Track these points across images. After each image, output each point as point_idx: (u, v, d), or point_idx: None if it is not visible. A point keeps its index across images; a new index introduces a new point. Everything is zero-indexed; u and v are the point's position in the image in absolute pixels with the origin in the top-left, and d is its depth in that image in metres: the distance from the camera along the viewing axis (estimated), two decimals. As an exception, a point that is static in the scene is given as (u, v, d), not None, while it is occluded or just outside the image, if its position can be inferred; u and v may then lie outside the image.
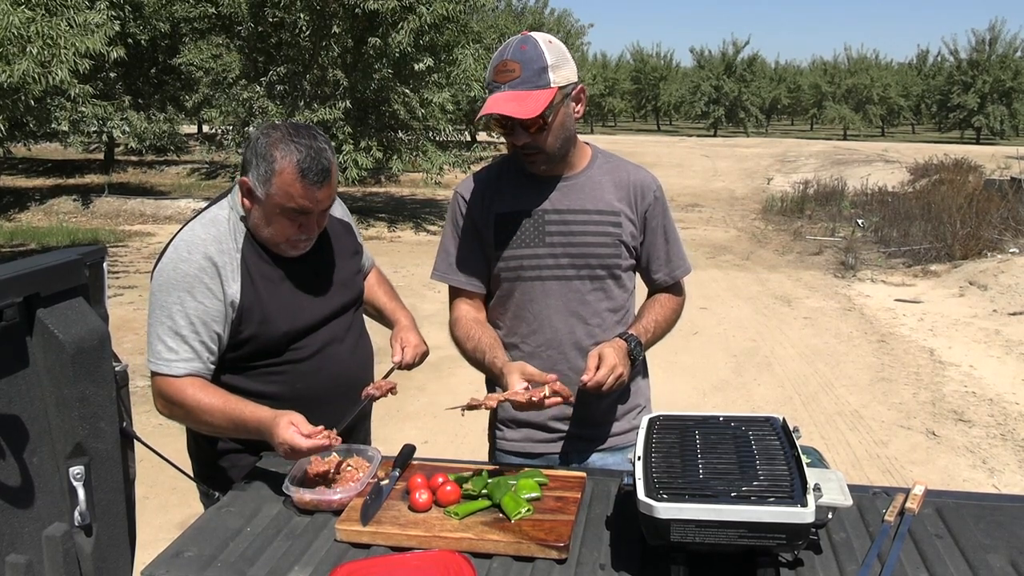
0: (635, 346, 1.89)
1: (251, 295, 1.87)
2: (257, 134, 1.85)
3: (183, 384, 1.82)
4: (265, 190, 1.80)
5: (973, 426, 5.22)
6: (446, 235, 2.06)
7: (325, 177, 1.81)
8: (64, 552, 1.53)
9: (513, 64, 1.80)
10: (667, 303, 2.07)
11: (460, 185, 2.06)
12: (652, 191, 2.02)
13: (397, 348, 2.09)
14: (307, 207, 1.81)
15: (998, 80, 39.32)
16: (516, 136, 1.85)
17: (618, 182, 2.00)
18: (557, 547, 1.48)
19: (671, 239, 2.06)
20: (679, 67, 52.74)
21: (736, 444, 1.53)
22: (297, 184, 1.78)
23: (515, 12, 27.22)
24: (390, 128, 13.16)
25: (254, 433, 1.79)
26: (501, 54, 1.83)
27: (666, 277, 2.07)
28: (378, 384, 1.97)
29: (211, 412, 1.80)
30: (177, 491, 3.94)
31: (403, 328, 2.17)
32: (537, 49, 1.81)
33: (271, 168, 1.78)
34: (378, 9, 11.31)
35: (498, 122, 1.85)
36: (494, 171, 2.04)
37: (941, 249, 10.47)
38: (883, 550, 1.46)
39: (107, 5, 8.85)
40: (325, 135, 1.87)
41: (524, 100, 1.78)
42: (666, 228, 2.04)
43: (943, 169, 17.00)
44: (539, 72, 1.79)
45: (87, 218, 13.99)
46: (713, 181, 20.41)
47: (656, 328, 2.01)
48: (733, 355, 6.65)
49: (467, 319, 2.01)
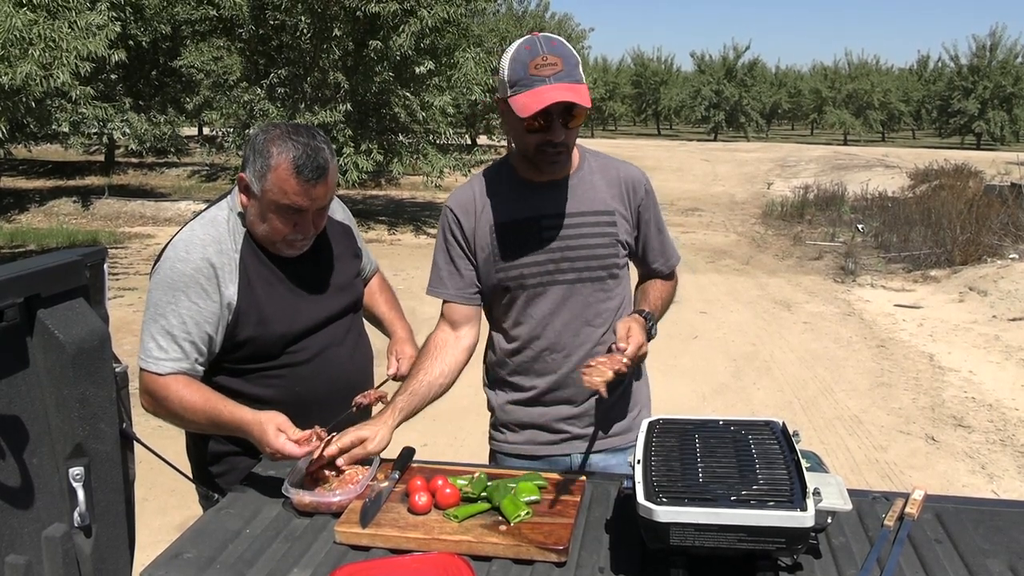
0: (653, 324, 1.94)
1: (248, 297, 1.86)
2: (256, 131, 1.86)
3: (167, 381, 1.82)
4: (261, 186, 1.80)
5: (972, 431, 5.22)
6: (438, 251, 2.03)
7: (321, 175, 1.80)
8: (63, 553, 1.53)
9: (555, 58, 1.78)
10: (665, 286, 2.13)
11: (450, 199, 2.03)
12: (643, 185, 2.04)
13: (392, 360, 2.10)
14: (301, 204, 1.81)
15: (999, 86, 39.37)
16: (555, 133, 1.83)
17: (610, 180, 2.01)
18: (556, 550, 1.48)
19: (663, 229, 2.11)
20: (680, 71, 52.79)
21: (736, 448, 1.53)
22: (292, 180, 1.78)
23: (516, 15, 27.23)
24: (391, 131, 13.16)
25: (235, 432, 1.80)
26: (533, 51, 1.79)
27: (663, 267, 2.11)
28: (367, 394, 1.97)
29: (192, 410, 1.81)
30: (176, 493, 3.94)
31: (400, 340, 2.20)
32: (566, 46, 1.82)
33: (267, 164, 1.78)
34: (379, 12, 11.32)
35: (536, 119, 1.80)
36: (486, 180, 2.02)
37: (941, 254, 10.48)
38: (882, 555, 1.46)
39: (108, 7, 8.86)
40: (325, 136, 1.87)
41: (578, 91, 1.78)
42: (657, 220, 2.08)
43: (943, 174, 17.01)
44: (576, 66, 1.81)
45: (87, 220, 13.99)
46: (713, 185, 20.43)
47: (662, 307, 2.07)
48: (733, 359, 6.65)
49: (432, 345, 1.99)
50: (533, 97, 1.76)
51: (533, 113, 1.76)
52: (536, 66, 1.78)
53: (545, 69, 1.78)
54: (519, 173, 1.98)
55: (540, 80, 1.77)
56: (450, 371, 1.96)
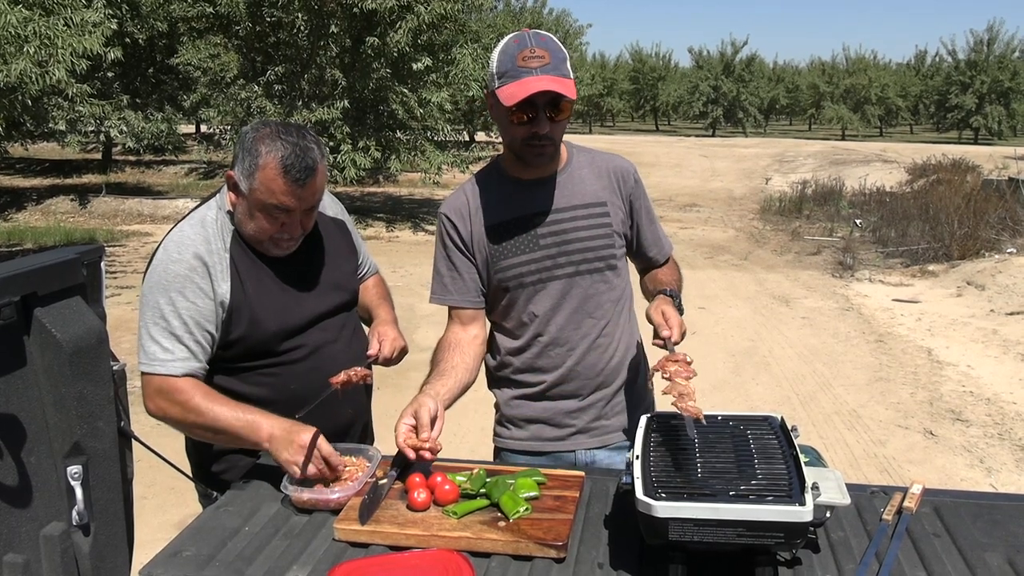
0: (678, 300, 1.96)
1: (240, 295, 1.85)
2: (247, 129, 1.84)
3: (182, 385, 1.80)
4: (248, 184, 1.79)
5: (970, 425, 5.22)
6: (438, 258, 2.04)
7: (308, 175, 1.79)
8: (62, 551, 1.53)
9: (542, 51, 1.81)
10: (670, 268, 2.16)
11: (444, 206, 2.04)
12: (632, 174, 2.06)
13: (374, 342, 2.05)
14: (288, 205, 1.79)
15: (996, 80, 39.38)
16: (540, 125, 1.84)
17: (599, 172, 2.02)
18: (555, 546, 1.48)
19: (654, 219, 2.13)
20: (677, 67, 52.80)
21: (734, 443, 1.53)
22: (279, 180, 1.76)
23: (513, 12, 27.20)
24: (388, 128, 13.14)
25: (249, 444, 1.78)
26: (521, 44, 1.82)
27: (659, 255, 2.14)
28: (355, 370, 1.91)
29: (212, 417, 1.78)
30: (175, 491, 3.94)
31: (382, 322, 2.13)
32: (554, 42, 1.85)
33: (255, 163, 1.77)
34: (376, 8, 11.30)
35: (522, 110, 1.82)
36: (477, 184, 2.03)
37: (939, 249, 10.48)
38: (881, 549, 1.46)
39: (104, 4, 8.84)
40: (316, 136, 1.86)
41: (564, 83, 1.80)
42: (648, 209, 2.11)
43: (941, 169, 17.03)
44: (563, 61, 1.83)
45: (84, 218, 13.98)
46: (711, 181, 20.42)
47: (679, 284, 2.10)
48: (731, 355, 6.65)
49: (446, 343, 2.00)
50: (519, 87, 1.78)
51: (518, 102, 1.78)
52: (524, 58, 1.81)
53: (532, 61, 1.80)
54: (509, 173, 1.99)
55: (527, 71, 1.80)
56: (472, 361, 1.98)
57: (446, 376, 1.90)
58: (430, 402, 1.76)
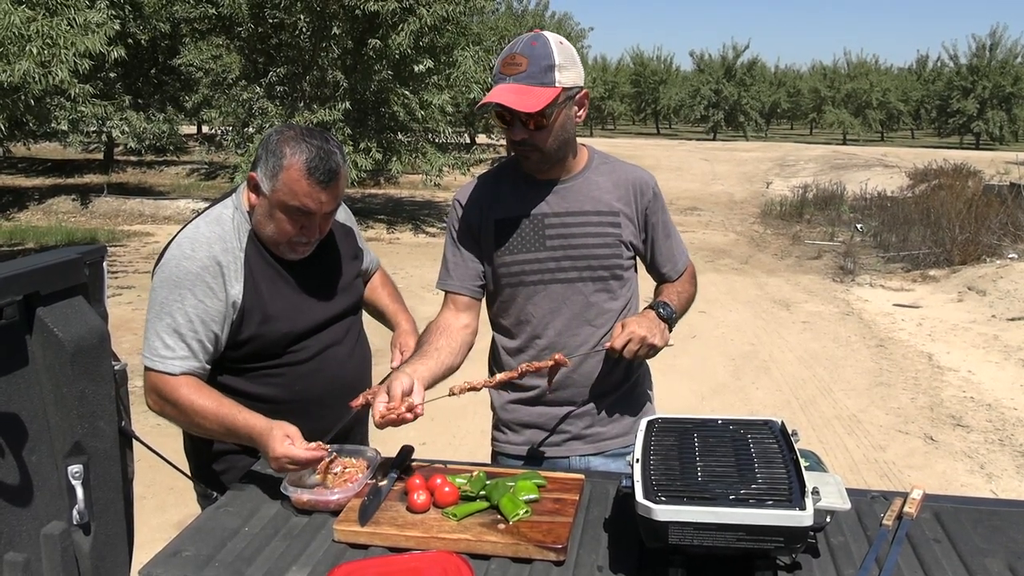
0: (662, 308, 1.93)
1: (253, 296, 1.86)
2: (271, 131, 1.86)
3: (178, 383, 1.81)
4: (271, 185, 1.80)
5: (971, 431, 5.22)
6: (447, 244, 2.06)
7: (332, 178, 1.80)
8: (62, 550, 1.53)
9: (521, 58, 1.80)
10: (682, 283, 2.11)
11: (459, 192, 2.06)
12: (651, 187, 2.03)
13: (396, 353, 2.09)
14: (310, 207, 1.81)
15: (998, 85, 39.39)
16: (514, 131, 1.85)
17: (616, 182, 2.00)
18: (555, 549, 1.48)
19: (671, 233, 2.09)
20: (679, 71, 52.78)
21: (735, 447, 1.53)
22: (303, 181, 1.78)
23: (515, 14, 27.21)
24: (389, 130, 13.15)
25: (245, 440, 1.78)
26: (511, 48, 1.83)
27: (671, 272, 2.10)
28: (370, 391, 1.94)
29: (204, 415, 1.79)
30: (175, 491, 3.94)
31: (403, 333, 2.18)
32: (547, 47, 1.81)
33: (279, 164, 1.78)
34: (378, 10, 11.31)
35: (499, 115, 1.85)
36: (493, 176, 2.04)
37: (940, 254, 10.48)
38: (881, 554, 1.46)
39: (107, 5, 8.85)
40: (338, 141, 1.88)
41: (526, 94, 1.78)
42: (665, 224, 2.07)
43: (942, 174, 17.03)
44: (545, 69, 1.79)
45: (86, 218, 13.99)
46: (712, 185, 20.43)
47: (680, 297, 2.05)
48: (732, 359, 6.65)
49: (435, 326, 1.98)
50: (491, 93, 1.80)
51: (479, 108, 1.81)
52: (505, 64, 1.82)
53: (509, 68, 1.81)
54: (523, 171, 1.99)
55: (502, 78, 1.81)
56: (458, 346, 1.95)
57: (427, 357, 1.87)
58: (404, 377, 1.72)
